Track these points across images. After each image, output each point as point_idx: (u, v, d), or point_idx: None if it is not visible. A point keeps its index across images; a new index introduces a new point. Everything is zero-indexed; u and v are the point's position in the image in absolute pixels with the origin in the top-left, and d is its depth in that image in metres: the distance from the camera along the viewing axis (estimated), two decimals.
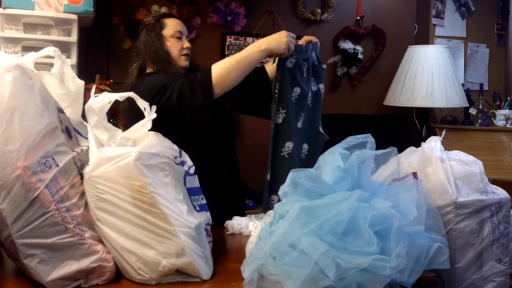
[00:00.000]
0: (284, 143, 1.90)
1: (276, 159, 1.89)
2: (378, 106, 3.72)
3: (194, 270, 1.30)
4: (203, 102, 1.78)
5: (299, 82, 1.93)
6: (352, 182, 1.34)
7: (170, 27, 2.04)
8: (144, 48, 2.02)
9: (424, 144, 1.75)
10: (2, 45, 2.49)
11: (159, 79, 1.87)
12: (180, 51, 2.03)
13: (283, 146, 1.90)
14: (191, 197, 1.39)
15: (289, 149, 1.90)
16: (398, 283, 1.23)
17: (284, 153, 1.90)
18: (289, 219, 1.26)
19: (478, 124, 3.75)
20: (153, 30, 2.02)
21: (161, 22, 2.04)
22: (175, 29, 2.03)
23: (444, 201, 1.60)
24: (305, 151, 1.97)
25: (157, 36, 2.01)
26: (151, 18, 2.09)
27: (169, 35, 2.02)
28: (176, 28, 2.04)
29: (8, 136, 1.19)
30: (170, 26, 2.04)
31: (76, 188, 1.27)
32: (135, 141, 1.39)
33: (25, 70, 1.26)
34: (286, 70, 1.90)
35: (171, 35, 2.02)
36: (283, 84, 1.90)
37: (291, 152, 1.90)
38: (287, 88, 1.91)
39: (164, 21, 2.05)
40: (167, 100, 1.81)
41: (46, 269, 1.20)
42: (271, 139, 1.90)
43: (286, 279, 1.20)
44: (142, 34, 2.05)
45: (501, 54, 4.18)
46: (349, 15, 3.64)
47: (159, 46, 2.00)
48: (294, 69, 1.91)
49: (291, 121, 1.92)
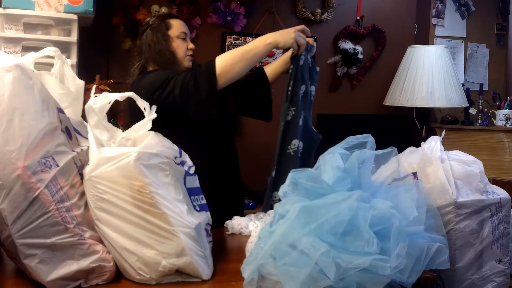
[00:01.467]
0: (291, 141, 1.91)
1: (282, 156, 1.90)
2: (378, 106, 3.72)
3: (194, 270, 1.30)
4: (207, 92, 1.79)
5: (305, 80, 1.95)
6: (352, 182, 1.34)
7: (176, 27, 2.04)
8: (148, 48, 2.02)
9: (424, 144, 1.75)
10: (2, 45, 2.49)
11: (160, 74, 1.88)
12: (186, 52, 2.04)
13: (289, 143, 1.91)
14: (191, 197, 1.39)
15: (295, 147, 1.91)
16: (398, 283, 1.23)
17: (290, 151, 1.90)
18: (289, 219, 1.26)
19: (478, 124, 3.75)
20: (159, 30, 2.02)
21: (167, 23, 2.04)
22: (181, 30, 2.04)
23: (444, 201, 1.60)
24: (300, 149, 1.97)
25: (163, 36, 2.01)
26: (154, 18, 2.09)
27: (175, 35, 2.03)
28: (182, 29, 2.05)
29: (8, 136, 1.18)
30: (176, 26, 2.04)
31: (76, 188, 1.27)
32: (135, 141, 1.39)
33: (25, 70, 1.26)
34: (299, 68, 1.93)
35: (177, 36, 2.03)
36: (296, 82, 1.92)
37: (296, 149, 1.91)
38: (298, 86, 1.93)
39: (169, 21, 2.05)
40: (169, 93, 1.81)
41: (46, 269, 1.20)
42: (280, 137, 1.91)
43: (286, 279, 1.20)
44: (147, 34, 2.05)
45: (501, 54, 4.18)
46: (349, 15, 3.65)
47: (165, 47, 2.00)
48: (302, 66, 1.94)
49: (297, 119, 1.93)
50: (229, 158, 2.12)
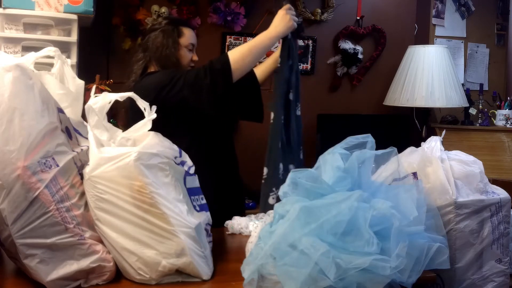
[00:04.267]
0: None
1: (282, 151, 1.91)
2: (378, 106, 3.72)
3: (194, 270, 1.30)
4: (224, 88, 1.83)
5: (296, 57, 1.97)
6: (352, 182, 1.34)
7: (187, 37, 2.06)
8: (156, 50, 2.03)
9: (424, 144, 1.75)
10: (2, 45, 2.49)
11: (166, 73, 1.92)
12: (189, 63, 2.07)
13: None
14: (191, 197, 1.39)
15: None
16: (398, 283, 1.23)
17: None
18: (289, 219, 1.26)
19: (478, 124, 3.75)
20: (171, 36, 2.03)
21: (179, 30, 2.05)
22: (190, 41, 2.07)
23: (444, 201, 1.60)
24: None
25: (173, 43, 2.02)
26: (167, 21, 2.09)
27: (184, 44, 2.05)
28: (191, 40, 2.07)
29: (8, 136, 1.18)
30: (187, 36, 2.06)
31: (76, 188, 1.27)
32: (135, 141, 1.39)
33: (25, 70, 1.26)
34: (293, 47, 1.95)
35: (186, 46, 2.05)
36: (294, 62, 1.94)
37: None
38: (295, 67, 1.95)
39: (182, 29, 2.06)
40: (179, 91, 1.84)
41: (46, 269, 1.20)
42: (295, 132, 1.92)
43: (286, 279, 1.20)
44: (157, 35, 2.04)
45: (501, 54, 4.18)
46: (349, 15, 3.64)
47: (172, 53, 2.02)
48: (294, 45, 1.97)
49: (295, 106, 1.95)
50: (229, 157, 2.12)
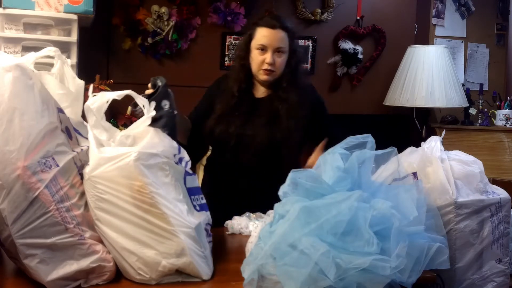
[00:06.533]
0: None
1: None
2: (378, 106, 3.72)
3: (194, 270, 1.29)
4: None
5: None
6: (352, 182, 1.34)
7: (257, 38, 1.94)
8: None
9: (424, 144, 1.74)
10: (2, 45, 2.49)
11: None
12: (260, 65, 1.94)
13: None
14: (191, 197, 1.39)
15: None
16: (398, 283, 1.23)
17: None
18: (289, 219, 1.26)
19: (478, 124, 3.75)
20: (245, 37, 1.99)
21: (253, 31, 1.96)
22: (259, 42, 1.93)
23: (444, 201, 1.60)
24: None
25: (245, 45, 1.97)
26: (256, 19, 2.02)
27: (254, 46, 1.95)
28: (261, 41, 1.93)
29: (8, 136, 1.18)
30: (258, 37, 1.94)
31: (76, 188, 1.27)
32: (135, 138, 1.38)
33: (25, 70, 1.26)
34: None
35: (255, 47, 1.94)
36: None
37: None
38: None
39: (256, 29, 1.95)
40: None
41: (46, 269, 1.20)
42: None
43: (286, 279, 1.20)
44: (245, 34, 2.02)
45: (501, 54, 4.18)
46: (349, 15, 3.65)
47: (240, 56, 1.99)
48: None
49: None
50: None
